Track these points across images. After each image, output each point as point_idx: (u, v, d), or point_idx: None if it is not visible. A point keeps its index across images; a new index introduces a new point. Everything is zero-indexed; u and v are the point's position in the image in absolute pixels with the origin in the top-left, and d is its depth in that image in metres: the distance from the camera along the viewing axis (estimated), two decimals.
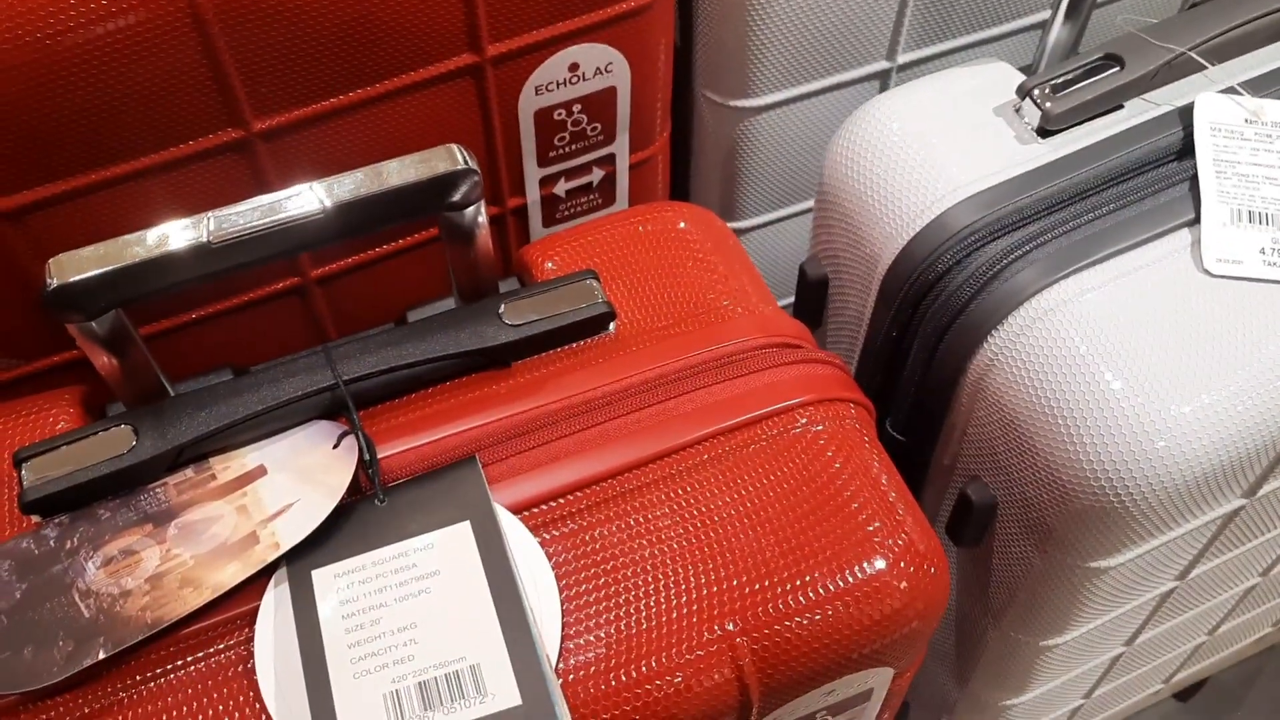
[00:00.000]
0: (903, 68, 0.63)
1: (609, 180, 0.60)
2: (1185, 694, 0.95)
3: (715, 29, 0.58)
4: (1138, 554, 0.45)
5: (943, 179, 0.46)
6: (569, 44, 0.52)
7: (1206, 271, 0.43)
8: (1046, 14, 0.64)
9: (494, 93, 0.51)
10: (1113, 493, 0.41)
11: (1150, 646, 0.63)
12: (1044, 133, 0.47)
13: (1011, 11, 0.62)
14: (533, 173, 0.57)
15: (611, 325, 0.42)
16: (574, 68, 0.53)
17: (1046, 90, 0.47)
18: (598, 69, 0.53)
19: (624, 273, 0.44)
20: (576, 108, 0.55)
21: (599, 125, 0.56)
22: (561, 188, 0.59)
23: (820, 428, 0.40)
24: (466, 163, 0.37)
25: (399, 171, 0.37)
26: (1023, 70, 0.51)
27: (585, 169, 0.58)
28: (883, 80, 0.63)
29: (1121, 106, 0.47)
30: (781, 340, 0.43)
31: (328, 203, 0.36)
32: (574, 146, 0.57)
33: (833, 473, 0.39)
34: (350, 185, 0.36)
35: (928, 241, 0.46)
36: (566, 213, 0.61)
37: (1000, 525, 0.47)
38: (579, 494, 0.38)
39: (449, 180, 0.37)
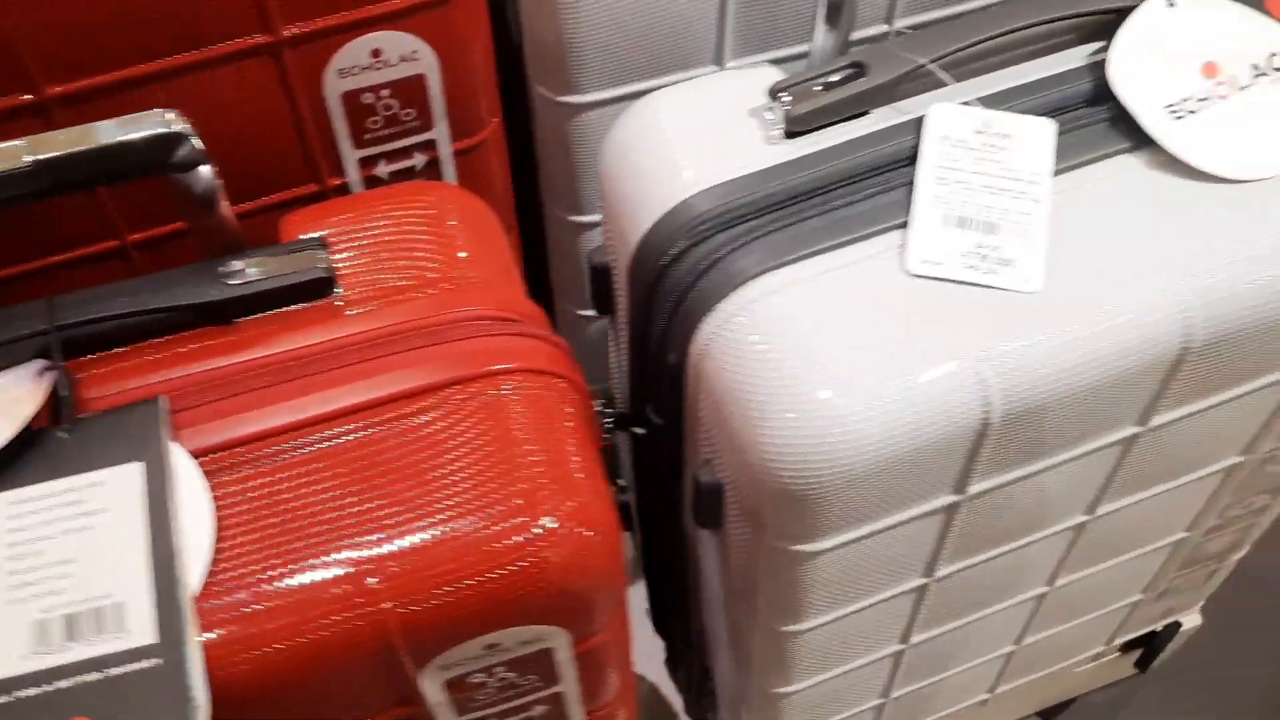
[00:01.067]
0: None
1: (434, 165, 0.63)
2: (1049, 712, 0.95)
3: (536, 25, 0.60)
4: (843, 541, 0.47)
5: (688, 172, 0.48)
6: (369, 30, 0.54)
7: (908, 272, 0.45)
8: (876, 28, 0.65)
9: (295, 73, 0.54)
10: (791, 477, 0.43)
11: (939, 648, 0.64)
12: (790, 134, 0.49)
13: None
14: (350, 154, 0.60)
15: (338, 290, 0.45)
16: (377, 54, 0.55)
17: (793, 94, 0.49)
18: (402, 56, 0.56)
19: (366, 244, 0.47)
20: (385, 92, 0.57)
21: (413, 111, 0.59)
22: (383, 170, 0.62)
23: (516, 395, 0.42)
24: (174, 127, 0.40)
25: (108, 131, 0.40)
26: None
27: (406, 153, 0.61)
28: None
29: (868, 113, 0.49)
30: (504, 315, 0.46)
31: (38, 157, 0.39)
32: (389, 131, 0.59)
33: (514, 438, 0.41)
34: (62, 141, 0.39)
35: (663, 230, 0.48)
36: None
37: (729, 508, 0.49)
38: (261, 443, 0.40)
39: (160, 142, 0.40)
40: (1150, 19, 0.49)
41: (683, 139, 0.50)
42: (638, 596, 0.82)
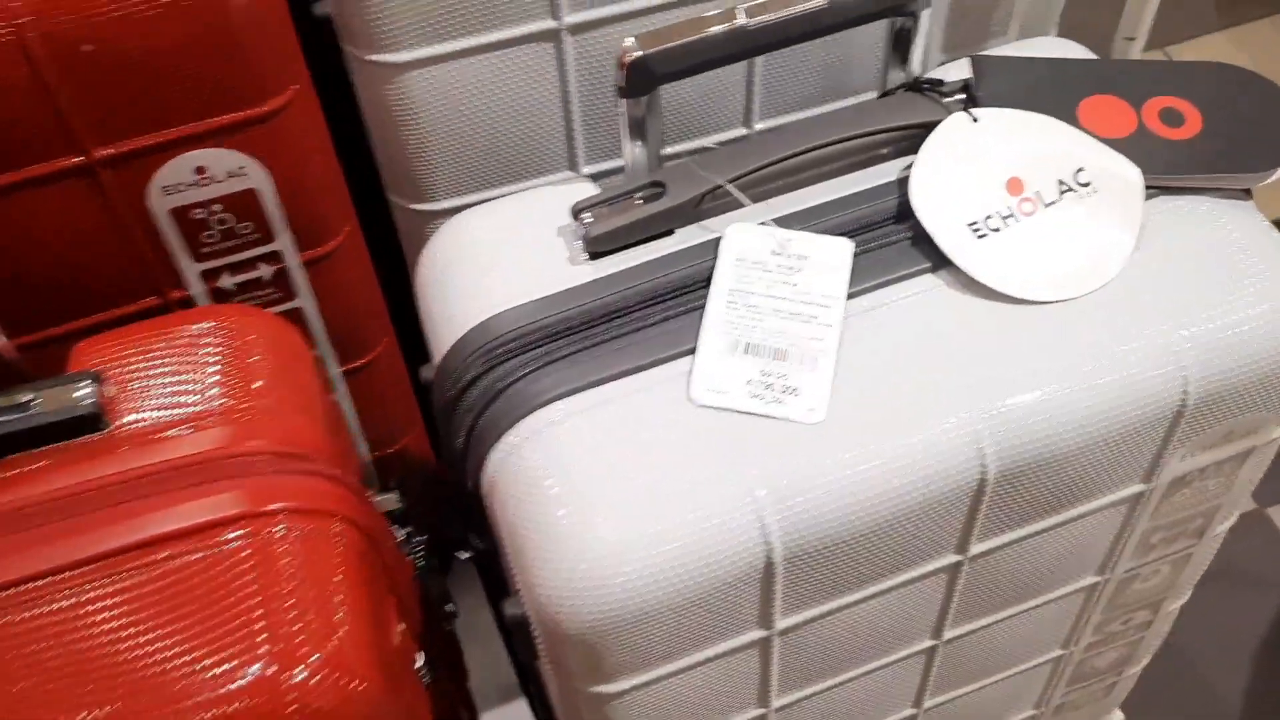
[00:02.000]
0: (595, 178, 0.65)
1: (282, 275, 0.62)
2: None
3: (383, 137, 0.60)
4: (642, 682, 0.45)
5: (491, 292, 0.47)
6: (190, 148, 0.54)
7: (693, 401, 0.43)
8: (724, 134, 0.65)
9: (115, 193, 0.54)
10: (570, 620, 0.41)
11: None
12: (594, 254, 0.48)
13: (678, 134, 0.63)
14: (190, 267, 0.59)
15: (109, 425, 0.44)
16: (201, 171, 0.55)
17: (594, 214, 0.48)
18: (229, 172, 0.56)
19: (152, 374, 0.46)
20: (217, 207, 0.57)
21: (250, 224, 0.59)
22: (228, 281, 0.61)
23: (283, 538, 0.41)
24: None
25: None
26: None
27: (250, 265, 0.61)
28: None
29: (672, 232, 0.48)
30: (289, 451, 0.45)
31: None
32: (228, 244, 0.59)
33: (274, 586, 0.40)
34: None
35: (460, 352, 0.47)
36: (247, 304, 0.63)
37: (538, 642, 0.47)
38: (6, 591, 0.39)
39: None
40: (953, 134, 0.47)
41: (487, 259, 0.49)
42: None
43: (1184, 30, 1.42)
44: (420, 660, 0.49)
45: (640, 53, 0.45)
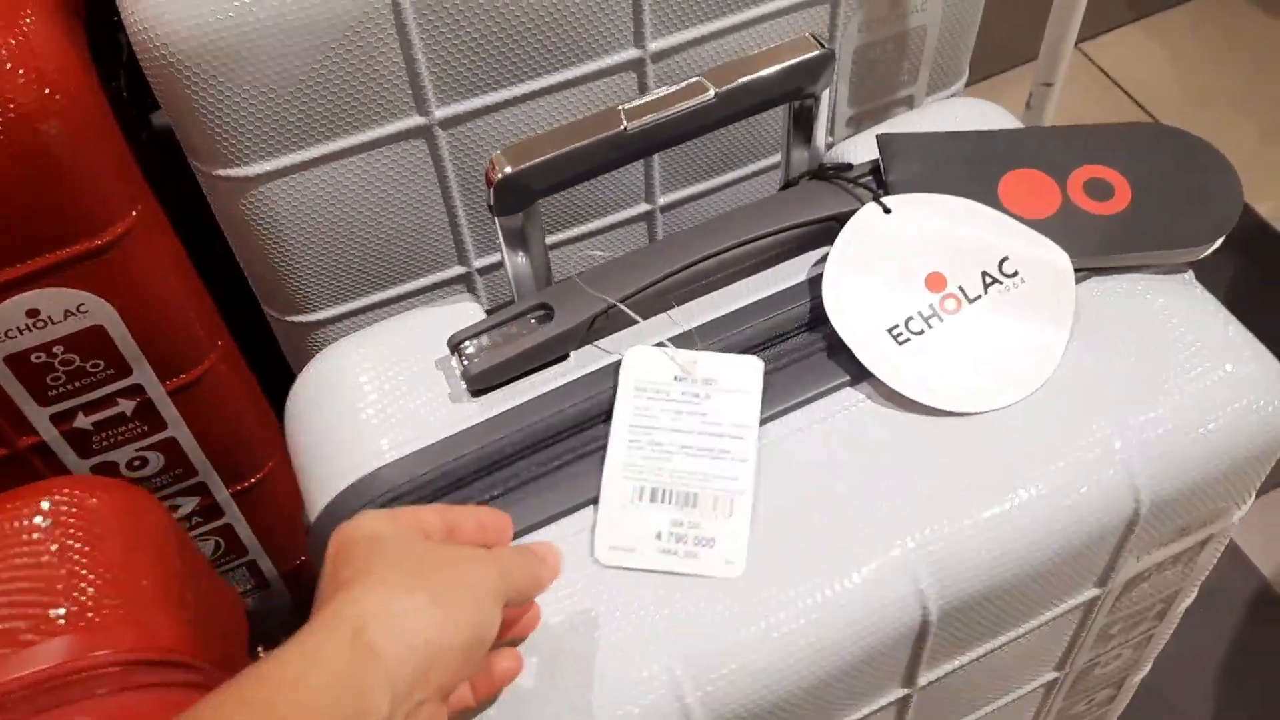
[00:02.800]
0: (488, 270, 0.60)
1: (147, 408, 0.56)
2: None
3: (244, 250, 0.54)
4: None
5: (367, 443, 0.42)
6: (17, 292, 0.48)
7: (598, 561, 0.38)
8: (627, 210, 0.60)
9: None
10: None
11: None
12: (478, 391, 0.43)
13: (573, 218, 0.59)
14: (37, 413, 0.53)
15: None
16: (34, 313, 0.49)
17: (474, 344, 0.43)
18: (67, 311, 0.50)
19: None
20: (59, 349, 0.51)
21: (100, 361, 0.53)
22: (84, 421, 0.55)
23: None
24: None
25: None
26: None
27: (107, 401, 0.55)
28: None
29: (567, 355, 0.43)
30: (139, 658, 0.39)
31: None
32: (78, 384, 0.53)
33: None
34: None
35: (337, 513, 0.41)
36: (106, 443, 0.57)
37: None
38: None
39: None
40: (865, 228, 0.43)
41: (361, 401, 0.43)
42: None
43: (1097, 25, 1.40)
44: None
45: (509, 169, 0.40)
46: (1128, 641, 0.53)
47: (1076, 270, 0.43)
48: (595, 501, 0.40)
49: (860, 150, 0.47)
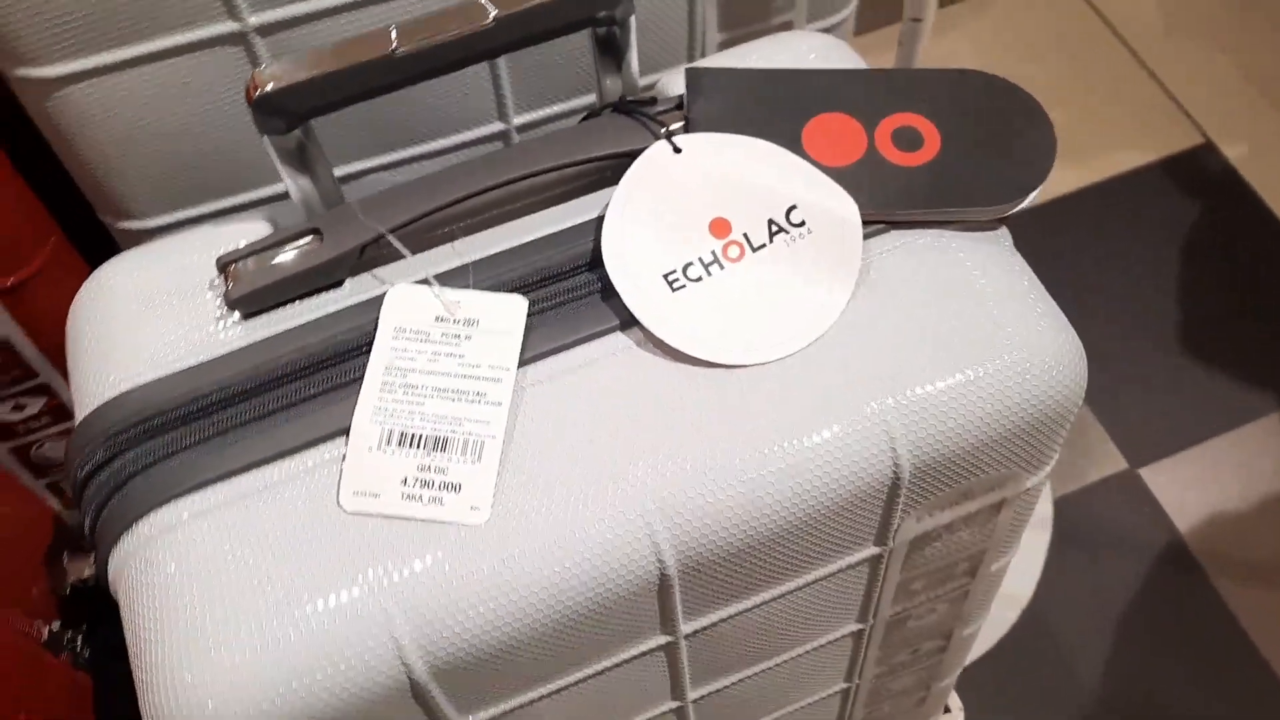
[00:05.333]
0: None
1: None
2: None
3: (64, 153, 0.53)
4: None
5: (125, 362, 0.41)
6: None
7: (341, 506, 0.38)
8: (482, 128, 0.58)
9: None
10: None
11: None
12: (245, 315, 0.42)
13: (426, 134, 0.57)
14: None
15: None
16: None
17: (240, 266, 0.42)
18: None
19: None
20: None
21: None
22: None
23: None
24: None
25: None
26: None
27: None
28: None
29: (342, 283, 0.42)
30: None
31: None
32: None
33: None
34: None
35: (89, 430, 0.41)
36: None
37: None
38: None
39: None
40: (652, 167, 0.41)
41: (127, 320, 0.42)
42: None
43: None
44: None
45: (269, 88, 0.39)
46: (939, 597, 0.52)
47: (874, 223, 0.42)
48: (347, 432, 0.39)
49: (674, 88, 0.45)
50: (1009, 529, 0.49)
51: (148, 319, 0.42)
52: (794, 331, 0.40)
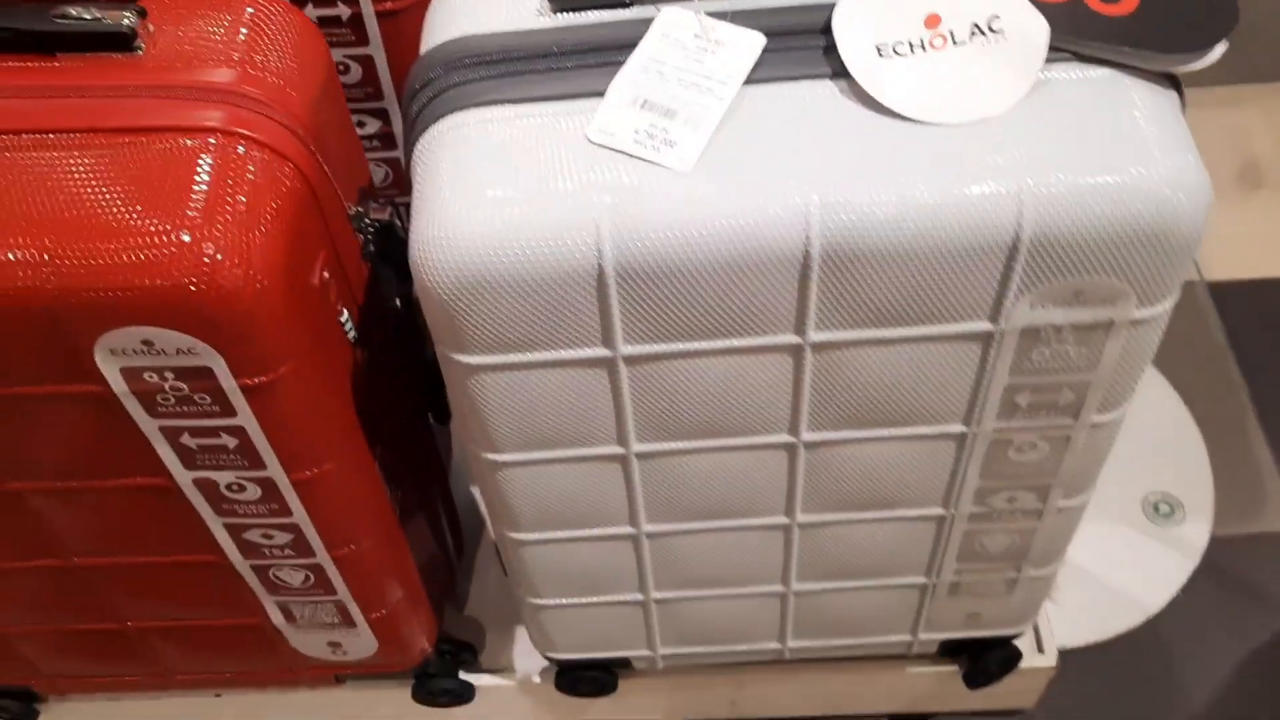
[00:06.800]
0: None
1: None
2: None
3: None
4: (499, 363, 0.53)
5: (464, 23, 0.56)
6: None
7: (587, 137, 0.50)
8: None
9: None
10: (429, 273, 0.50)
11: (681, 551, 0.68)
12: (558, 9, 0.55)
13: None
14: None
15: (139, 47, 0.54)
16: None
17: None
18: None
19: (190, 20, 0.56)
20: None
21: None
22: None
23: (240, 153, 0.51)
24: None
25: None
26: None
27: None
28: None
29: (629, 5, 0.55)
30: (276, 110, 0.54)
31: None
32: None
33: (212, 182, 0.50)
34: None
35: (427, 60, 0.55)
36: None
37: None
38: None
39: None
40: None
41: (473, 4, 0.57)
42: None
43: None
44: (345, 316, 0.58)
45: None
46: (1039, 428, 0.59)
47: (1059, 48, 0.51)
48: (603, 95, 0.52)
49: None
50: (1116, 369, 0.55)
51: (486, 4, 0.56)
52: (969, 109, 0.49)
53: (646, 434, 0.59)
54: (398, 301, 0.65)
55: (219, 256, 0.49)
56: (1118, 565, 1.02)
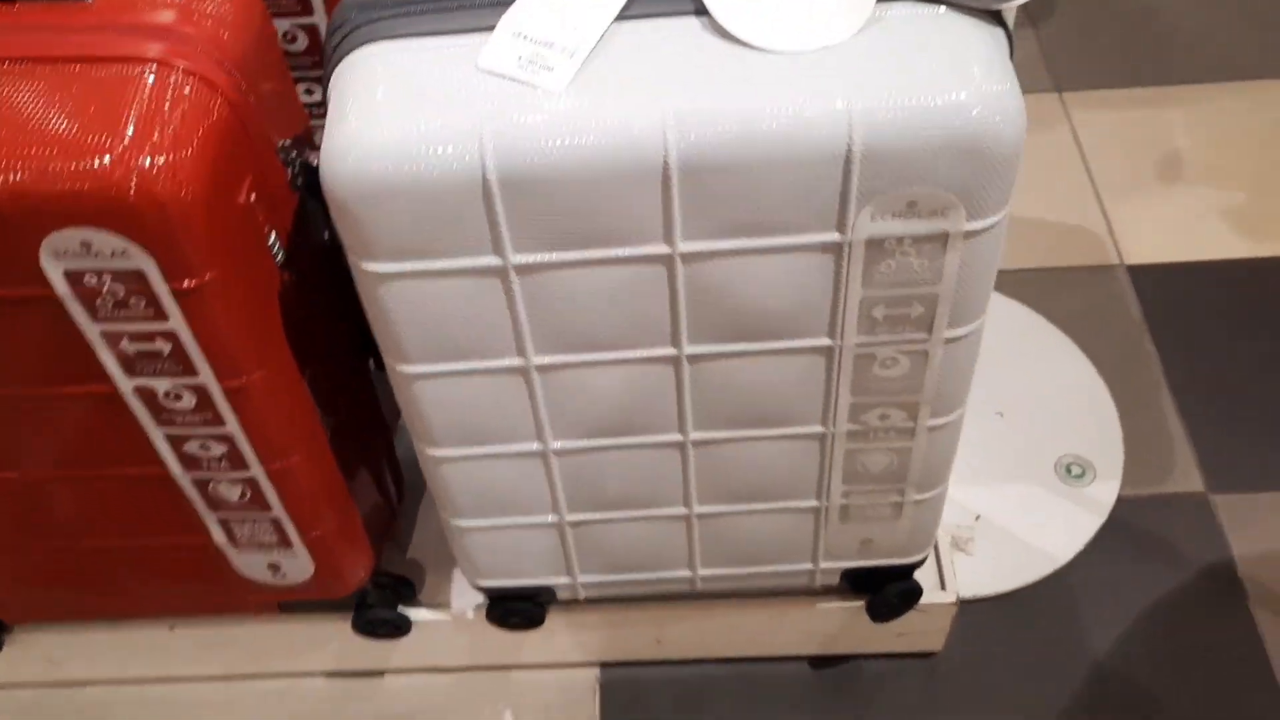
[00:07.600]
0: None
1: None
2: (819, 662, 1.01)
3: None
4: (400, 271, 0.60)
5: None
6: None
7: (477, 66, 0.57)
8: None
9: None
10: (331, 183, 0.56)
11: (591, 470, 0.74)
12: None
13: None
14: None
15: None
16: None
17: None
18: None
19: None
20: None
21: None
22: None
23: (176, 80, 0.58)
24: None
25: None
26: None
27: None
28: None
29: None
30: (214, 49, 0.61)
31: None
32: None
33: (149, 102, 0.57)
34: None
35: (346, 5, 0.62)
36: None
37: None
38: None
39: None
40: None
41: None
42: None
43: None
44: (273, 239, 0.65)
45: None
46: (897, 343, 0.66)
47: None
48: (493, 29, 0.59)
49: None
50: (959, 281, 0.62)
51: None
52: (811, 39, 0.56)
53: (544, 345, 0.65)
54: (326, 235, 0.72)
55: (150, 165, 0.55)
56: (1029, 521, 1.08)
